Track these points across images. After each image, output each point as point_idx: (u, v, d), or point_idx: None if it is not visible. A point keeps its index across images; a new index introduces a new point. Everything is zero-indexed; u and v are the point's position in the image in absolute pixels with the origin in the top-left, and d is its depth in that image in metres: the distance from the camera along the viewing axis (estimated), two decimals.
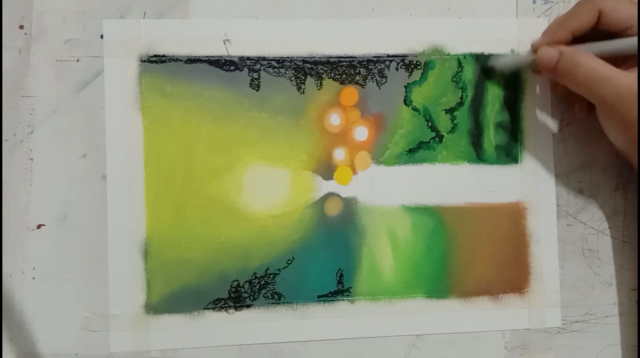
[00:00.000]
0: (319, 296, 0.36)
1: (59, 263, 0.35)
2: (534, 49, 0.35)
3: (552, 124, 0.38)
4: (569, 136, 0.38)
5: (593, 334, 0.38)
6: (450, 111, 0.38)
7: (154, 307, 0.35)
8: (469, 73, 0.38)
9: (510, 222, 0.38)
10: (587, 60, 0.32)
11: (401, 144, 0.37)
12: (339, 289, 0.36)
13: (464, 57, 0.38)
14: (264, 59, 0.36)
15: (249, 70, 0.36)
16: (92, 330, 0.35)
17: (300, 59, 0.37)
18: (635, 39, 0.32)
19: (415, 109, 0.37)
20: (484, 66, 0.38)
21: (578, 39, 0.34)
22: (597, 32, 0.34)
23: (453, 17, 0.38)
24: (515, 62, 0.37)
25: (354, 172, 0.37)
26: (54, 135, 0.35)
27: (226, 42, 0.36)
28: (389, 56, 0.37)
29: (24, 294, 0.35)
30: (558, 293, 0.38)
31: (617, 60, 0.33)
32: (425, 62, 0.37)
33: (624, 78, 0.32)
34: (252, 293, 0.36)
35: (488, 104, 0.38)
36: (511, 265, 0.37)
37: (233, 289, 0.36)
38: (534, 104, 0.38)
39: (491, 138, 0.38)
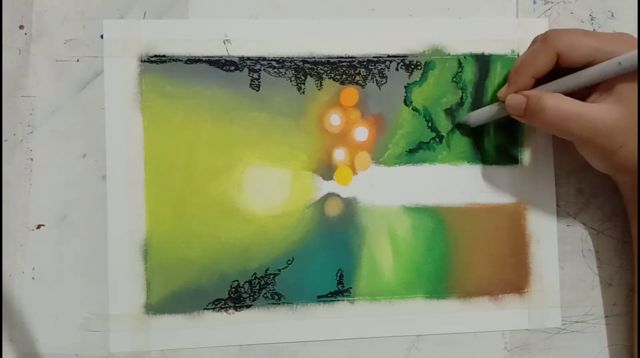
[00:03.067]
0: (318, 297, 0.36)
1: (59, 263, 0.35)
2: (501, 98, 0.35)
3: None
4: None
5: (593, 334, 0.38)
6: (450, 111, 0.38)
7: (154, 307, 0.35)
8: (469, 73, 0.38)
9: (510, 222, 0.38)
10: (554, 102, 0.32)
11: (401, 145, 0.37)
12: (339, 289, 0.36)
13: (464, 57, 0.38)
14: (264, 59, 0.36)
15: (249, 70, 0.36)
16: (91, 330, 0.35)
17: (301, 59, 0.37)
18: (603, 66, 0.31)
19: (415, 109, 0.37)
20: (459, 122, 0.37)
21: (540, 81, 0.34)
22: (561, 69, 0.33)
23: (453, 18, 0.38)
24: (488, 115, 0.36)
25: (354, 172, 0.37)
26: (53, 135, 0.35)
27: (226, 42, 0.36)
28: (389, 56, 0.37)
29: (24, 294, 0.35)
30: (558, 293, 0.38)
31: (583, 93, 0.33)
32: (425, 62, 0.37)
33: (596, 112, 0.31)
34: (252, 294, 0.36)
35: (488, 104, 0.38)
36: (511, 265, 0.38)
37: (233, 289, 0.36)
38: None
39: (491, 138, 0.38)
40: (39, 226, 0.35)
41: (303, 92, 0.37)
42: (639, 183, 0.33)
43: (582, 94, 0.33)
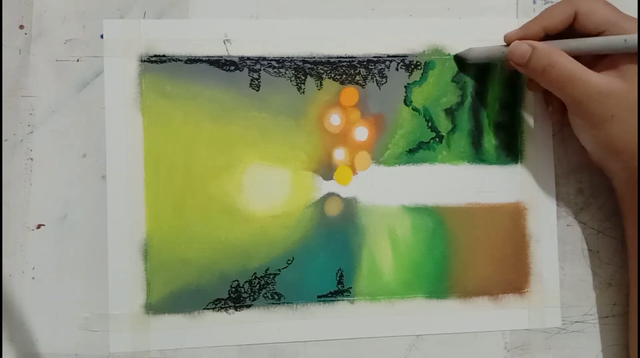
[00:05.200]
0: (318, 297, 0.36)
1: (59, 263, 0.35)
2: (507, 41, 0.35)
3: (552, 125, 0.38)
4: (569, 137, 0.38)
5: (593, 334, 0.38)
6: (450, 111, 0.38)
7: (154, 307, 0.35)
8: (469, 73, 0.38)
9: (510, 222, 0.38)
10: (561, 59, 0.32)
11: (401, 145, 0.37)
12: (339, 289, 0.36)
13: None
14: (264, 59, 0.36)
15: (249, 70, 0.36)
16: (91, 330, 0.35)
17: (301, 59, 0.37)
18: (609, 39, 0.32)
19: (415, 109, 0.37)
20: (457, 56, 0.37)
21: (550, 38, 0.34)
22: (571, 32, 0.34)
23: (453, 17, 0.38)
24: (487, 54, 0.36)
25: (354, 172, 0.37)
26: (53, 135, 0.35)
27: (226, 42, 0.36)
28: (389, 56, 0.37)
29: (24, 294, 0.35)
30: (558, 293, 0.38)
31: (589, 62, 0.33)
32: (425, 62, 0.37)
33: (594, 78, 0.32)
34: (252, 293, 0.36)
35: (488, 105, 0.38)
36: (511, 265, 0.38)
37: (233, 289, 0.36)
38: (534, 104, 0.38)
39: (491, 138, 0.38)
40: (39, 226, 0.35)
41: (303, 92, 0.37)
42: (639, 173, 0.32)
43: (586, 65, 0.33)
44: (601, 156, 0.34)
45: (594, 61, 0.33)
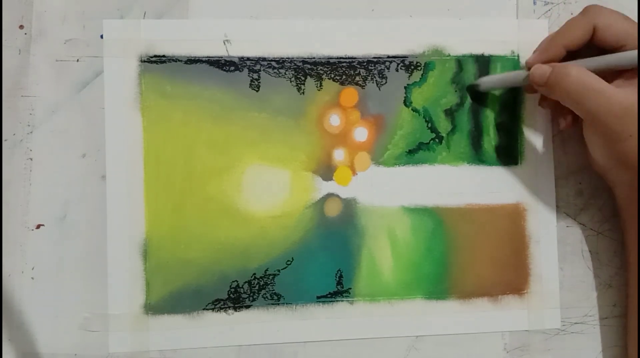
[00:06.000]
0: (318, 297, 0.36)
1: (58, 263, 0.35)
2: (528, 66, 0.35)
3: (552, 126, 0.38)
4: (569, 138, 0.38)
5: (592, 336, 0.38)
6: (450, 112, 0.38)
7: (153, 307, 0.35)
8: (469, 74, 0.38)
9: (510, 223, 0.38)
10: (579, 72, 0.32)
11: (401, 145, 0.37)
12: (339, 290, 0.36)
13: (464, 58, 0.38)
14: (264, 59, 0.36)
15: (249, 70, 0.36)
16: (91, 331, 0.35)
17: (300, 59, 0.37)
18: (631, 53, 0.32)
19: (415, 110, 0.37)
20: (470, 84, 0.37)
21: (572, 55, 0.34)
22: (591, 47, 0.33)
23: (453, 18, 0.38)
24: (506, 81, 0.36)
25: (354, 173, 0.37)
26: (53, 135, 0.35)
27: (226, 42, 0.36)
28: (389, 56, 0.37)
29: (23, 294, 0.35)
30: (557, 294, 0.38)
31: (609, 77, 0.33)
32: (425, 63, 0.37)
33: (616, 93, 0.31)
34: (251, 294, 0.36)
35: (488, 106, 0.38)
36: (511, 266, 0.37)
37: (232, 289, 0.36)
38: (534, 106, 0.38)
39: (491, 139, 0.38)
40: (38, 226, 0.35)
41: (303, 93, 0.37)
42: (639, 179, 0.32)
43: (607, 79, 0.32)
44: (609, 167, 0.34)
45: (613, 76, 0.33)
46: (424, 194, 0.37)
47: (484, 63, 0.38)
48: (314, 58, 0.37)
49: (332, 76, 0.37)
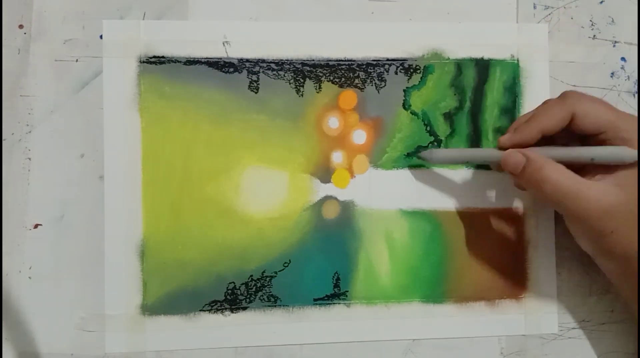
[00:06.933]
0: (315, 300, 0.36)
1: (56, 263, 0.35)
2: (501, 146, 0.34)
3: None
4: None
5: (589, 341, 0.38)
6: (449, 115, 0.37)
7: (150, 308, 0.35)
8: (469, 78, 0.38)
9: (508, 227, 0.38)
10: (556, 174, 0.31)
11: (399, 148, 0.37)
12: (335, 292, 0.36)
13: (464, 61, 0.37)
14: (263, 61, 0.36)
15: (248, 72, 0.36)
16: (87, 331, 0.35)
17: (300, 61, 0.37)
18: (606, 150, 0.31)
19: (414, 113, 0.37)
20: (420, 156, 0.36)
21: (547, 139, 0.33)
22: (568, 132, 0.33)
23: (453, 22, 0.38)
24: (467, 157, 0.36)
25: (352, 175, 0.37)
26: (52, 135, 0.35)
27: (225, 44, 0.36)
28: (388, 59, 0.37)
29: (20, 294, 0.35)
30: (555, 299, 0.37)
31: (585, 164, 0.32)
32: (424, 66, 0.37)
33: (594, 194, 0.31)
34: (248, 296, 0.36)
35: (487, 109, 0.38)
36: (508, 270, 0.37)
37: (229, 291, 0.36)
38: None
39: (489, 143, 0.38)
40: (36, 226, 0.35)
41: (302, 95, 0.37)
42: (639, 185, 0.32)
43: (581, 166, 0.32)
44: (596, 256, 0.34)
45: (590, 166, 0.32)
46: (422, 198, 0.37)
47: (483, 67, 0.38)
48: (313, 60, 0.37)
49: (331, 78, 0.37)
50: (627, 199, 0.31)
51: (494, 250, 0.37)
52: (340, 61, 0.37)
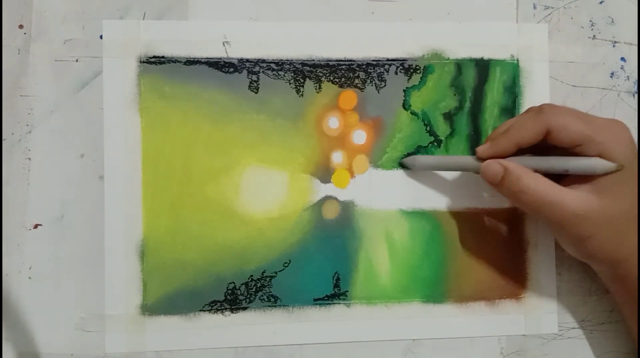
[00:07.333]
0: (315, 300, 0.36)
1: (56, 263, 0.35)
2: (479, 156, 0.34)
3: None
4: None
5: (589, 341, 0.38)
6: (449, 115, 0.37)
7: (150, 308, 0.35)
8: (469, 78, 0.38)
9: (508, 227, 0.38)
10: (532, 184, 0.31)
11: (399, 148, 0.37)
12: (336, 292, 0.36)
13: (464, 61, 0.37)
14: (263, 61, 0.36)
15: (248, 72, 0.36)
16: (87, 331, 0.35)
17: (300, 61, 0.37)
18: (583, 161, 0.31)
19: (414, 113, 0.37)
20: (401, 162, 0.37)
21: (523, 151, 0.33)
22: (544, 144, 0.33)
23: (453, 22, 0.38)
24: (448, 164, 0.36)
25: (352, 175, 0.37)
26: (52, 135, 0.35)
27: (225, 44, 0.36)
28: (388, 59, 0.37)
29: (20, 294, 0.35)
30: (554, 299, 0.37)
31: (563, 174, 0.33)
32: (424, 66, 0.37)
33: (570, 201, 0.31)
34: (248, 296, 0.36)
35: (487, 110, 0.38)
36: (508, 270, 0.37)
37: (229, 291, 0.36)
38: None
39: None
40: (36, 226, 0.35)
41: (302, 95, 0.37)
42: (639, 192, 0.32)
43: (558, 174, 0.33)
44: (583, 259, 0.34)
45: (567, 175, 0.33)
46: (422, 198, 0.37)
47: (483, 67, 0.38)
48: (313, 60, 0.37)
49: (331, 78, 0.37)
50: (604, 205, 0.31)
51: (494, 250, 0.37)
52: (340, 61, 0.37)
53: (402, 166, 0.37)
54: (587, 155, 0.32)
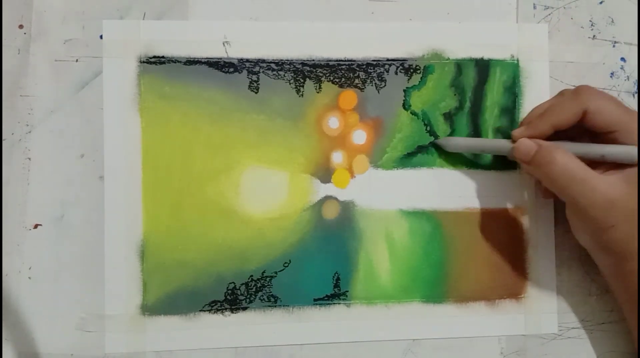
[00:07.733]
0: (315, 300, 0.36)
1: (56, 263, 0.35)
2: (514, 138, 0.34)
3: None
4: None
5: (589, 341, 0.38)
6: (449, 115, 0.37)
7: (150, 308, 0.35)
8: (469, 78, 0.38)
9: (508, 227, 0.38)
10: (565, 158, 0.31)
11: (399, 148, 0.37)
12: (336, 292, 0.36)
13: (464, 61, 0.37)
14: (263, 61, 0.36)
15: (248, 72, 0.36)
16: (87, 331, 0.35)
17: (300, 61, 0.37)
18: (626, 148, 0.31)
19: (414, 113, 0.37)
20: (435, 142, 0.37)
21: (559, 133, 0.33)
22: (579, 127, 0.33)
23: (453, 22, 0.38)
24: (484, 147, 0.36)
25: (352, 175, 0.37)
26: (52, 135, 0.35)
27: (225, 44, 0.36)
28: (388, 59, 0.37)
29: (20, 294, 0.35)
30: (554, 299, 0.37)
31: (595, 161, 0.32)
32: (424, 66, 0.37)
33: (601, 184, 0.31)
34: (248, 296, 0.36)
35: (487, 110, 0.38)
36: (508, 270, 0.37)
37: (229, 291, 0.36)
38: None
39: None
40: (36, 226, 0.35)
41: (302, 95, 0.37)
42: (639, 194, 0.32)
43: (591, 163, 0.32)
44: (593, 250, 0.34)
45: (599, 161, 0.32)
46: (422, 198, 0.37)
47: (483, 67, 0.38)
48: (313, 60, 0.37)
49: (331, 78, 0.37)
50: (631, 193, 0.31)
51: (494, 250, 0.37)
52: (340, 61, 0.37)
53: (435, 146, 0.37)
54: (620, 142, 0.31)
